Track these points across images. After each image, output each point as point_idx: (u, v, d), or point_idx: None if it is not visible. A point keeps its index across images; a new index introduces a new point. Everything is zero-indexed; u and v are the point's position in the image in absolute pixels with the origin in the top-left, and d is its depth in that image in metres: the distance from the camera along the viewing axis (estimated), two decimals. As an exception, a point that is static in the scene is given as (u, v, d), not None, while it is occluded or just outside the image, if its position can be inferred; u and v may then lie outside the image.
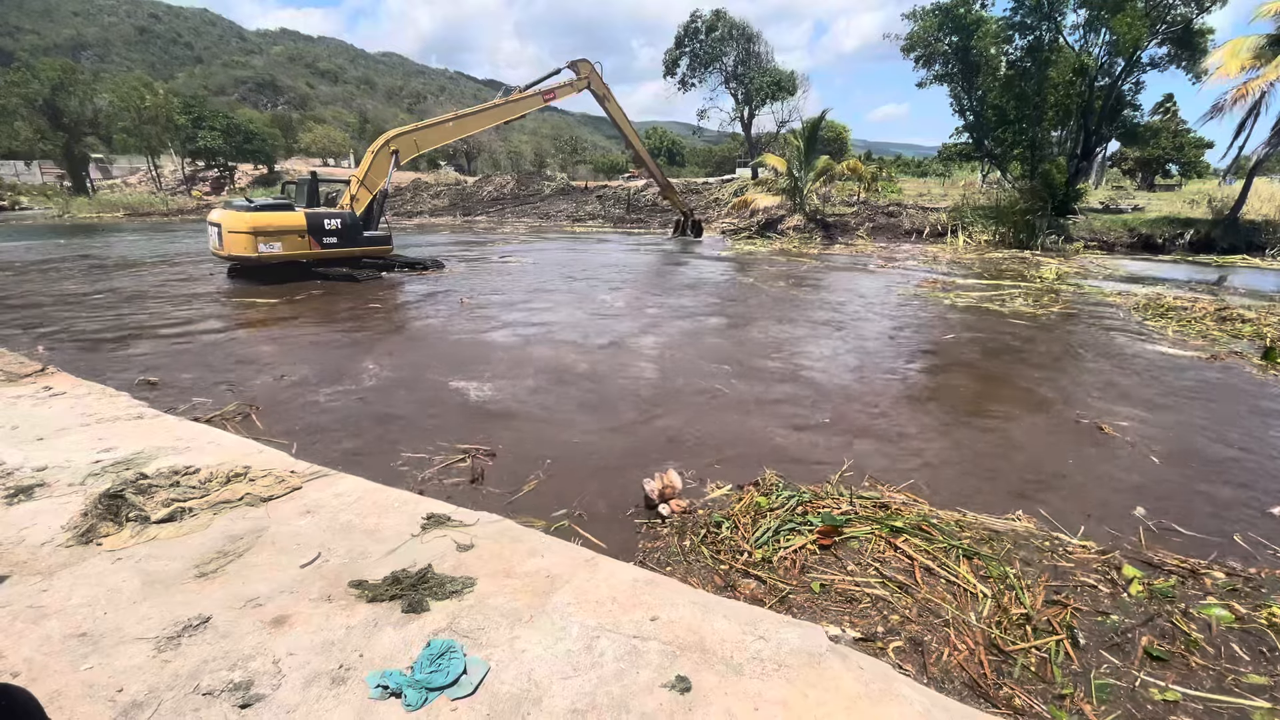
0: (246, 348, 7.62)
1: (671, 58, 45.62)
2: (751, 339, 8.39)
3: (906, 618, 2.76)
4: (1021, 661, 2.52)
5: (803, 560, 3.17)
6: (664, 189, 24.62)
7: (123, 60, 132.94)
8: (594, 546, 3.35)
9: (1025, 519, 3.66)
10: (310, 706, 2.02)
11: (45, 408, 4.89)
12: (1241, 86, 18.50)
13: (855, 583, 2.99)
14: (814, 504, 3.66)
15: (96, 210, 39.11)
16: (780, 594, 2.91)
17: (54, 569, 2.76)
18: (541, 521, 3.64)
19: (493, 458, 4.52)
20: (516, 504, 3.89)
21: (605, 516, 3.77)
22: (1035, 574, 3.08)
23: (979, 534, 3.40)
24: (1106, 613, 2.80)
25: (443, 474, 4.28)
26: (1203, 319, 9.36)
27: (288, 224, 12.65)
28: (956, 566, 3.07)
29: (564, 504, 3.89)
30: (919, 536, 3.31)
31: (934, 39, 24.26)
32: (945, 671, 2.48)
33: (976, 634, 2.66)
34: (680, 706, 2.04)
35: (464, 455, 4.53)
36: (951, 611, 2.78)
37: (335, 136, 71.15)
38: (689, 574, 3.11)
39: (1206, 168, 44.26)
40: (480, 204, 41.30)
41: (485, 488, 4.10)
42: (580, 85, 18.36)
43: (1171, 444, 4.99)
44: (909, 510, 3.63)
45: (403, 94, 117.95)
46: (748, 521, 3.52)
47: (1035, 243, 20.47)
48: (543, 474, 4.30)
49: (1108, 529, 3.67)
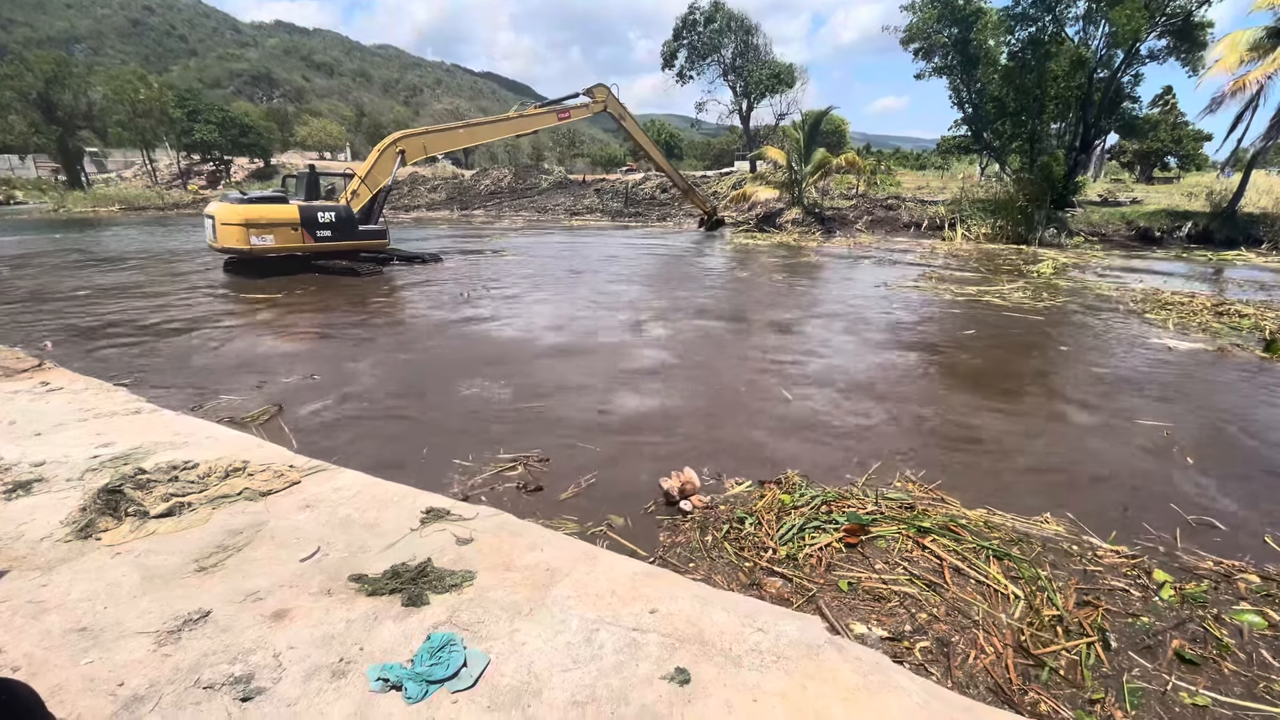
0: (261, 347, 7.47)
1: (669, 50, 45.42)
2: (757, 333, 8.38)
3: (935, 617, 2.73)
4: (1050, 665, 2.47)
5: (829, 558, 3.12)
6: (686, 193, 25.15)
7: (116, 53, 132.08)
8: (639, 557, 3.19)
9: (1054, 521, 3.58)
10: (311, 699, 2.02)
11: (43, 403, 4.88)
12: (1240, 79, 18.48)
13: (883, 581, 2.95)
14: (838, 503, 3.61)
15: (92, 204, 38.95)
16: (807, 593, 2.86)
17: (53, 564, 2.76)
18: (573, 525, 3.51)
19: (545, 463, 4.31)
20: (562, 508, 3.72)
21: (640, 519, 3.64)
22: (1066, 576, 3.04)
23: (1008, 535, 3.36)
24: (1137, 615, 2.77)
25: (495, 480, 4.06)
26: (1200, 313, 9.38)
27: (280, 217, 12.60)
28: (986, 567, 3.03)
29: (609, 508, 3.73)
30: (947, 536, 3.26)
31: (933, 31, 24.12)
32: (970, 676, 2.44)
33: (1006, 636, 2.63)
34: (679, 698, 2.05)
35: (514, 463, 4.31)
36: (982, 612, 2.75)
37: (331, 130, 70.86)
38: (713, 571, 3.07)
39: (1205, 160, 44.21)
40: (478, 198, 41.19)
41: (526, 495, 3.88)
42: (596, 109, 18.75)
43: (1197, 439, 4.87)
44: (936, 510, 3.58)
45: (399, 87, 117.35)
46: (771, 519, 3.46)
47: (1034, 236, 20.46)
48: (582, 480, 4.07)
49: (1145, 525, 3.58)
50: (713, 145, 64.79)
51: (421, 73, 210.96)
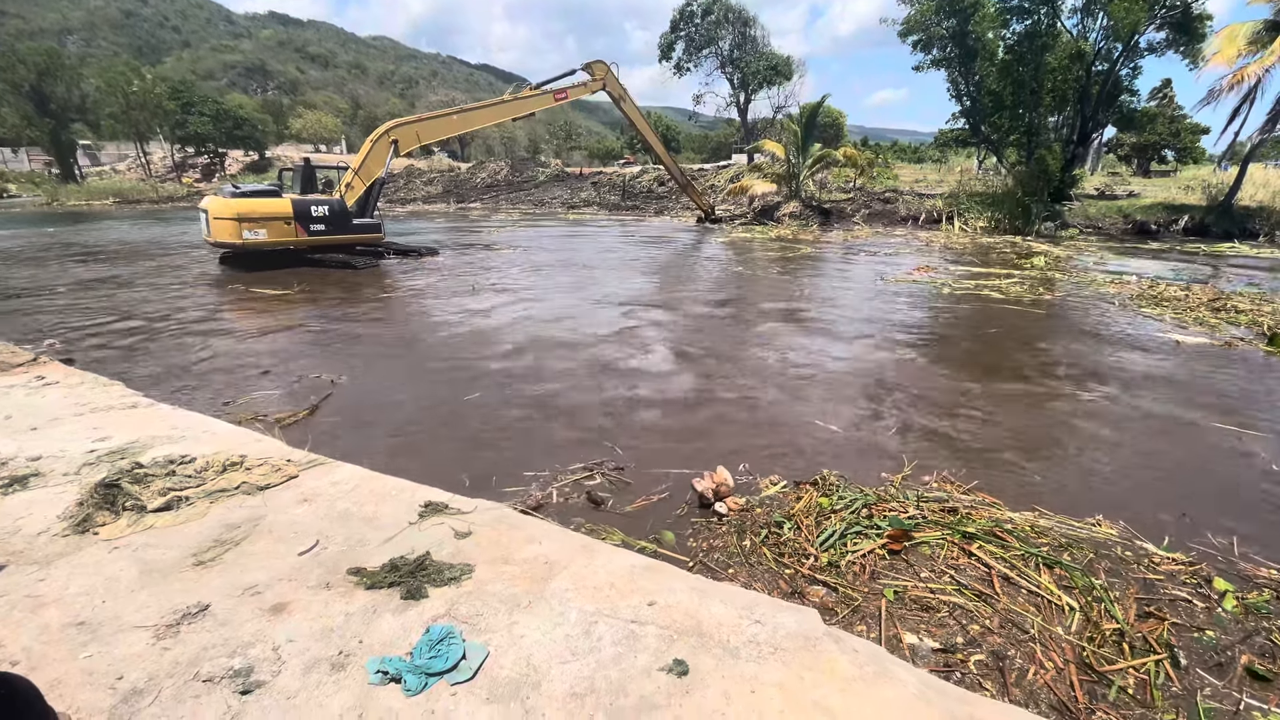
0: (265, 346, 7.19)
1: (667, 41, 45.18)
2: (767, 325, 8.38)
3: (987, 629, 2.62)
4: (1118, 683, 2.34)
5: (872, 565, 3.02)
6: (684, 187, 24.48)
7: (109, 44, 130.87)
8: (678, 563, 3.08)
9: (1106, 523, 3.44)
10: (311, 692, 2.03)
11: (38, 397, 4.86)
12: (1238, 72, 18.48)
13: (930, 590, 2.85)
14: (879, 506, 3.51)
15: (86, 197, 38.72)
16: (853, 603, 2.77)
17: (51, 558, 2.76)
18: (617, 535, 3.36)
19: (621, 471, 4.10)
20: (609, 519, 3.52)
21: (675, 524, 3.52)
22: (1123, 585, 2.91)
23: (1057, 540, 3.24)
24: (1202, 628, 2.65)
25: (574, 489, 3.89)
26: (1196, 307, 9.41)
27: (272, 211, 12.54)
28: (1037, 576, 2.92)
29: (655, 518, 3.57)
30: (993, 543, 3.15)
31: (931, 23, 24.05)
32: (1031, 692, 2.32)
33: (1066, 650, 2.51)
34: (678, 689, 2.06)
35: (589, 471, 4.09)
36: (1037, 624, 2.64)
37: (327, 122, 70.41)
38: (752, 578, 2.98)
39: (1202, 153, 44.24)
40: (474, 191, 41.07)
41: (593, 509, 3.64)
42: (595, 87, 18.18)
43: (1230, 435, 4.81)
44: (979, 514, 3.45)
45: (394, 79, 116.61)
46: (810, 523, 3.36)
47: (1031, 229, 20.48)
48: (653, 494, 3.85)
49: (1202, 529, 3.45)
50: (710, 138, 64.53)
51: (417, 65, 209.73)
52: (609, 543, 3.19)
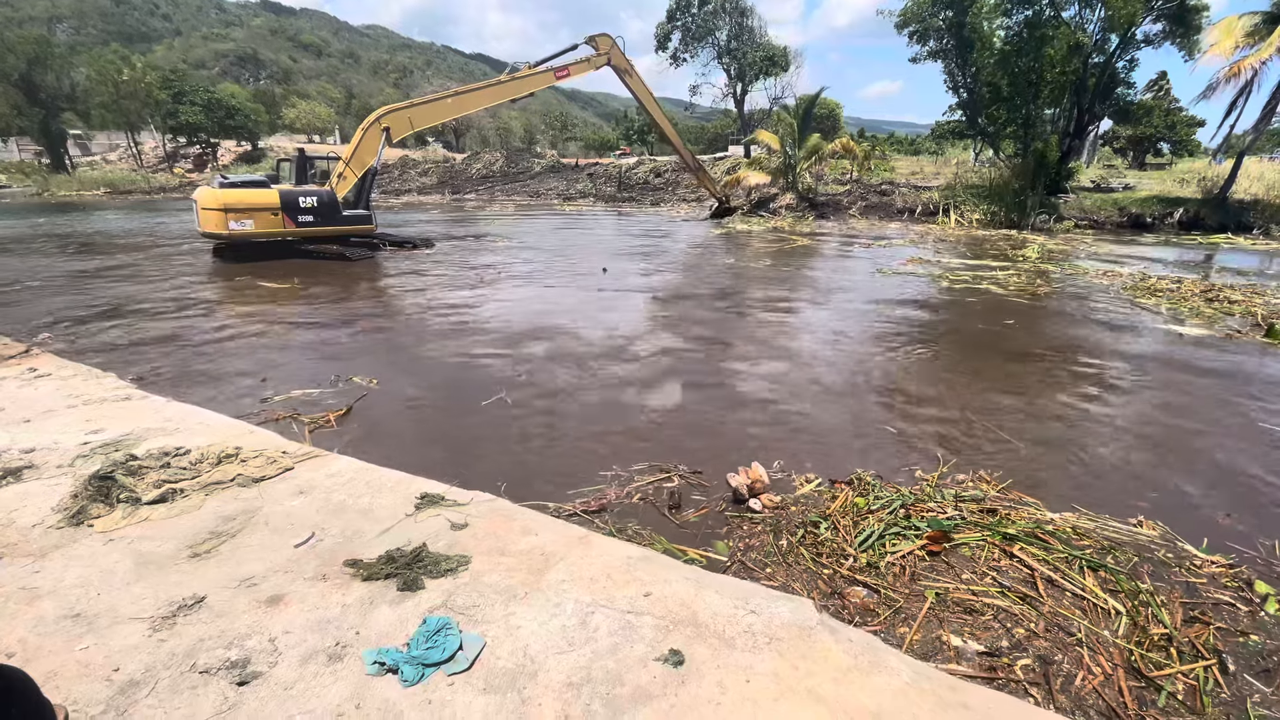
0: (270, 345, 6.88)
1: (663, 31, 44.79)
2: (772, 320, 8.38)
3: (1033, 633, 2.58)
4: (1168, 689, 2.29)
5: (912, 567, 2.97)
6: (695, 172, 23.18)
7: (99, 32, 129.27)
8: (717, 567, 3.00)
9: (1148, 524, 3.37)
10: (308, 683, 2.04)
11: (31, 389, 4.84)
12: (1235, 65, 18.46)
13: (972, 593, 2.80)
14: (916, 507, 3.46)
15: (77, 188, 38.36)
16: (894, 605, 2.73)
17: (46, 550, 2.75)
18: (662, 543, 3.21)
19: (698, 474, 3.96)
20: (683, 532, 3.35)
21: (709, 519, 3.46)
22: (1167, 589, 2.87)
23: (1099, 542, 3.19)
24: (1246, 633, 2.60)
25: (647, 497, 3.71)
26: (1190, 298, 9.45)
27: (260, 202, 12.43)
28: (1081, 579, 2.88)
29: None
30: (1035, 544, 3.10)
31: (928, 14, 23.94)
32: (1077, 698, 2.27)
33: (1114, 655, 2.46)
34: (674, 679, 2.08)
35: (666, 473, 3.94)
36: (1084, 628, 2.59)
37: (320, 112, 69.84)
38: (790, 578, 2.92)
39: (1198, 146, 44.23)
40: (469, 182, 40.83)
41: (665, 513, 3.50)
42: (599, 62, 17.10)
43: (1247, 432, 4.75)
44: (1018, 514, 3.41)
45: (389, 68, 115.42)
46: (848, 523, 3.31)
47: (1026, 221, 20.50)
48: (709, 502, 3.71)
49: (1238, 530, 3.39)
50: (707, 129, 64.30)
51: (411, 54, 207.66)
52: (655, 549, 3.08)
